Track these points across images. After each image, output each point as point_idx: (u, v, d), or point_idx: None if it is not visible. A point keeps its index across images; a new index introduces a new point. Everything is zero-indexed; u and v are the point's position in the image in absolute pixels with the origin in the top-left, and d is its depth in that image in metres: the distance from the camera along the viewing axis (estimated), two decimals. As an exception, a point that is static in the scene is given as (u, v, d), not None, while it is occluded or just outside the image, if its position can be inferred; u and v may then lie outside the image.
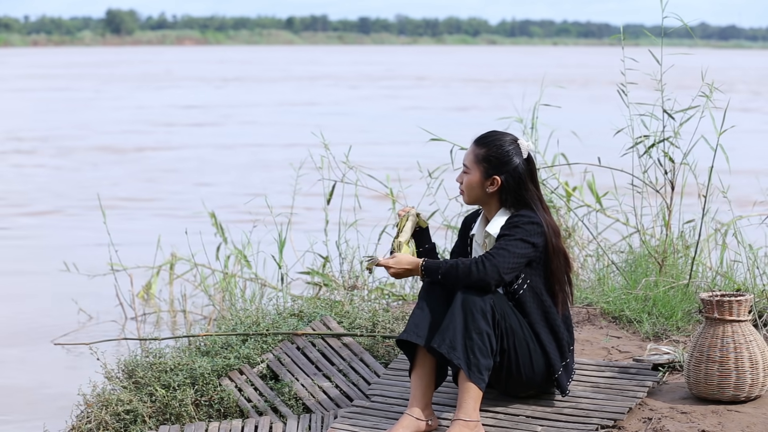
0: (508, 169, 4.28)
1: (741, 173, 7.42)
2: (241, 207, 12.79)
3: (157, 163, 18.41)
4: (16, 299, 9.18)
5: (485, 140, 4.33)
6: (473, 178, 4.32)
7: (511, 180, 4.28)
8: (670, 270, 5.98)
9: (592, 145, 7.30)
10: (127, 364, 4.96)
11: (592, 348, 5.19)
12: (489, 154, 4.29)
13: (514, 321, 4.22)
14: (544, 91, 7.01)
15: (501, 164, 4.29)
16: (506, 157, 4.28)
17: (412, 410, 4.21)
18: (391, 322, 5.29)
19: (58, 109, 29.39)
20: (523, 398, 4.43)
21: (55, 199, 14.67)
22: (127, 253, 8.22)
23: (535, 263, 4.27)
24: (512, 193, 4.29)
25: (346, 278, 6.59)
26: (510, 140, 4.32)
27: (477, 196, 4.34)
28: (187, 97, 34.74)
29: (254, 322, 5.32)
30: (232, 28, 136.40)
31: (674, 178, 6.17)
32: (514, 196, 4.29)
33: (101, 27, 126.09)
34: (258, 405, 4.77)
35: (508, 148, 4.29)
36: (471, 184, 4.33)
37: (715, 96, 5.97)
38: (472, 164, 4.32)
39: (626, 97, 6.08)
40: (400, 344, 4.27)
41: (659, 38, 6.11)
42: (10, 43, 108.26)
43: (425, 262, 4.25)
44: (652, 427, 4.19)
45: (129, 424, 4.65)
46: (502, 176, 4.29)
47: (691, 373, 4.44)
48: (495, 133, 4.36)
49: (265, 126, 24.91)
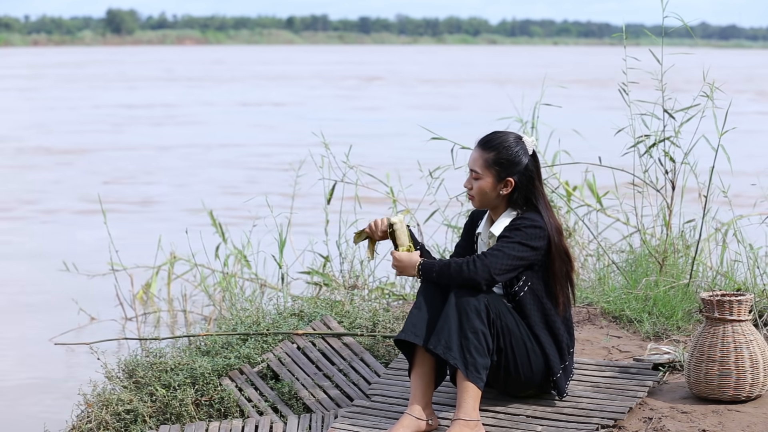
0: (519, 170, 4.26)
1: (741, 173, 7.41)
2: (240, 207, 12.81)
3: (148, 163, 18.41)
4: (17, 297, 9.18)
5: (491, 143, 4.29)
6: (486, 183, 4.28)
7: (524, 179, 4.27)
8: (670, 270, 5.98)
9: (592, 145, 7.30)
10: (127, 363, 4.96)
11: (593, 348, 5.19)
12: (499, 157, 4.26)
13: (510, 320, 4.21)
14: (545, 91, 7.01)
15: (512, 165, 4.26)
16: (516, 158, 4.26)
17: (412, 409, 4.21)
18: (391, 322, 5.29)
19: (16, 109, 29.28)
20: (522, 398, 4.43)
21: (47, 199, 14.68)
22: (127, 253, 8.22)
23: (537, 266, 4.26)
24: (523, 193, 4.27)
25: (347, 278, 6.59)
26: (515, 139, 4.29)
27: (490, 199, 4.31)
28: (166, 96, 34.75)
29: (254, 322, 5.32)
30: (233, 27, 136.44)
31: (675, 178, 6.17)
32: (524, 195, 4.28)
33: (101, 27, 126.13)
34: (258, 405, 4.77)
35: (516, 149, 4.27)
36: (483, 189, 4.29)
37: (717, 95, 5.97)
38: (483, 169, 4.28)
39: (627, 97, 6.07)
40: (399, 344, 4.27)
41: (659, 38, 6.10)
42: (10, 43, 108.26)
43: (422, 262, 4.25)
44: (653, 426, 4.19)
45: (129, 424, 4.65)
46: (515, 177, 4.26)
47: (691, 373, 4.43)
48: (499, 134, 4.33)
49: (258, 127, 24.91)
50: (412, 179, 7.09)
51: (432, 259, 4.28)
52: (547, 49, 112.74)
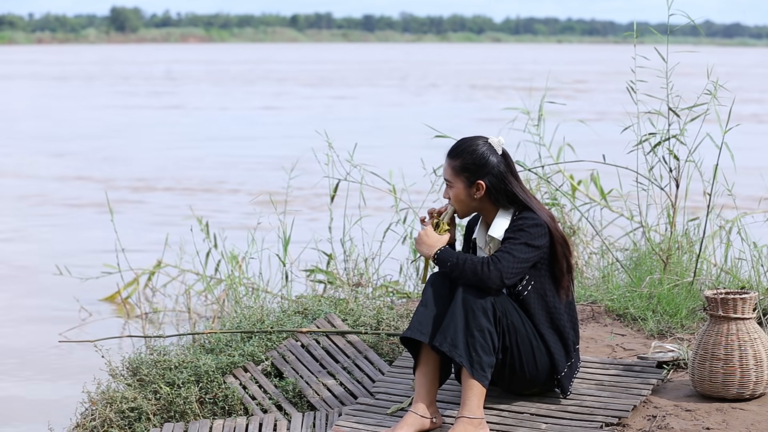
0: (488, 171, 4.27)
1: (746, 171, 7.41)
2: (239, 207, 12.80)
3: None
4: (19, 296, 9.19)
5: (457, 150, 4.32)
6: (458, 191, 4.31)
7: (495, 180, 4.28)
8: (674, 267, 5.97)
9: (597, 143, 7.29)
10: (131, 361, 4.97)
11: (597, 346, 5.19)
12: (465, 162, 4.29)
13: (516, 318, 4.22)
14: (548, 91, 7.01)
15: (480, 168, 4.27)
16: (483, 160, 4.28)
17: (416, 407, 4.21)
18: (395, 320, 5.29)
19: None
20: (527, 396, 4.43)
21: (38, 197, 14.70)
22: (132, 251, 8.23)
23: (540, 264, 4.26)
24: (501, 192, 4.28)
25: (351, 275, 6.59)
26: (481, 142, 4.31)
27: (468, 206, 4.34)
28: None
29: (258, 320, 5.32)
30: (237, 25, 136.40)
31: (679, 176, 6.17)
32: (504, 194, 4.29)
33: (106, 25, 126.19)
34: (262, 402, 4.77)
35: (481, 150, 4.29)
36: (458, 196, 4.32)
37: (722, 94, 5.96)
38: (453, 177, 4.31)
39: (635, 95, 6.07)
40: (404, 342, 4.28)
41: (665, 36, 6.10)
42: (14, 41, 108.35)
43: (440, 250, 4.25)
44: (657, 424, 4.19)
45: (133, 422, 4.65)
46: (485, 179, 4.28)
47: (695, 371, 4.43)
48: (465, 141, 4.35)
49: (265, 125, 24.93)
50: (416, 177, 7.09)
51: (451, 251, 4.28)
52: (551, 47, 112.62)
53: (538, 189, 6.82)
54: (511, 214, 4.29)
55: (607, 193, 7.31)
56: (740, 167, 6.53)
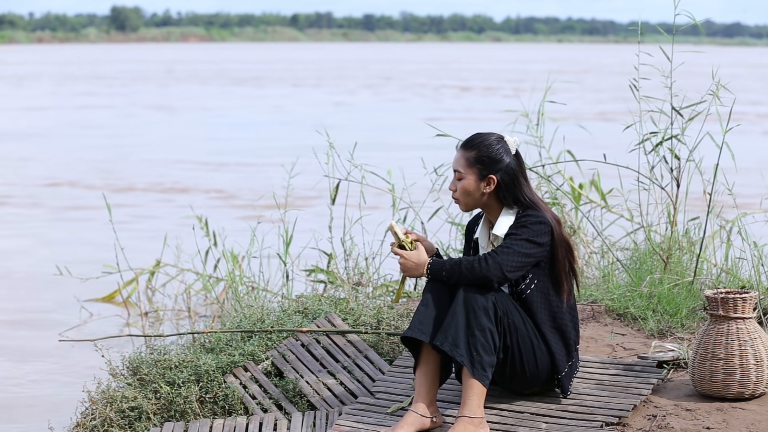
0: (501, 167, 4.28)
1: (747, 171, 7.40)
2: (244, 204, 12.80)
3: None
4: (19, 295, 9.18)
5: (472, 143, 4.32)
6: (468, 182, 4.30)
7: (507, 177, 4.28)
8: (675, 267, 5.97)
9: (597, 143, 7.30)
10: (131, 361, 4.97)
11: (597, 345, 5.19)
12: (480, 155, 4.29)
13: (517, 318, 4.22)
14: (550, 89, 7.00)
15: (494, 163, 4.28)
16: (498, 156, 4.28)
17: (416, 407, 4.21)
18: (395, 319, 5.29)
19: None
20: (527, 395, 4.43)
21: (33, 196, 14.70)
22: (132, 251, 8.22)
23: (543, 263, 4.26)
24: (509, 191, 4.28)
25: (351, 275, 6.59)
26: (496, 139, 4.32)
27: (474, 200, 4.33)
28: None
29: (259, 319, 5.32)
30: (237, 25, 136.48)
31: (680, 176, 6.16)
32: (512, 193, 4.29)
33: (106, 24, 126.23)
34: (262, 402, 4.77)
35: (497, 147, 4.29)
36: (467, 188, 4.31)
37: (724, 94, 5.96)
38: (465, 168, 4.30)
39: (637, 93, 6.07)
40: (405, 341, 4.28)
41: (668, 35, 6.09)
42: (15, 40, 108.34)
43: (431, 261, 4.25)
44: (657, 424, 4.19)
45: (134, 421, 4.65)
46: (497, 175, 4.28)
47: (695, 371, 4.43)
48: (480, 135, 4.36)
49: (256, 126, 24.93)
50: (417, 176, 7.09)
51: (441, 259, 4.28)
52: (551, 47, 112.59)
53: (538, 189, 6.82)
54: (515, 213, 4.30)
55: (607, 193, 7.30)
56: (740, 167, 6.52)
